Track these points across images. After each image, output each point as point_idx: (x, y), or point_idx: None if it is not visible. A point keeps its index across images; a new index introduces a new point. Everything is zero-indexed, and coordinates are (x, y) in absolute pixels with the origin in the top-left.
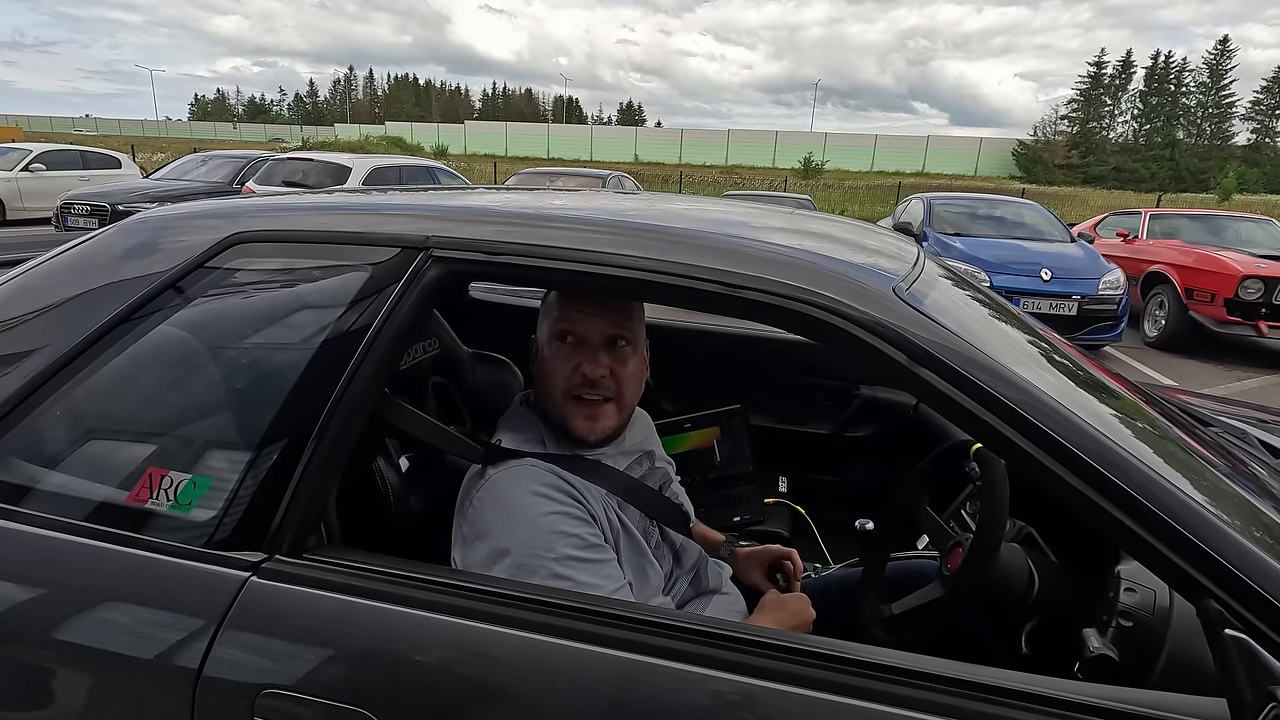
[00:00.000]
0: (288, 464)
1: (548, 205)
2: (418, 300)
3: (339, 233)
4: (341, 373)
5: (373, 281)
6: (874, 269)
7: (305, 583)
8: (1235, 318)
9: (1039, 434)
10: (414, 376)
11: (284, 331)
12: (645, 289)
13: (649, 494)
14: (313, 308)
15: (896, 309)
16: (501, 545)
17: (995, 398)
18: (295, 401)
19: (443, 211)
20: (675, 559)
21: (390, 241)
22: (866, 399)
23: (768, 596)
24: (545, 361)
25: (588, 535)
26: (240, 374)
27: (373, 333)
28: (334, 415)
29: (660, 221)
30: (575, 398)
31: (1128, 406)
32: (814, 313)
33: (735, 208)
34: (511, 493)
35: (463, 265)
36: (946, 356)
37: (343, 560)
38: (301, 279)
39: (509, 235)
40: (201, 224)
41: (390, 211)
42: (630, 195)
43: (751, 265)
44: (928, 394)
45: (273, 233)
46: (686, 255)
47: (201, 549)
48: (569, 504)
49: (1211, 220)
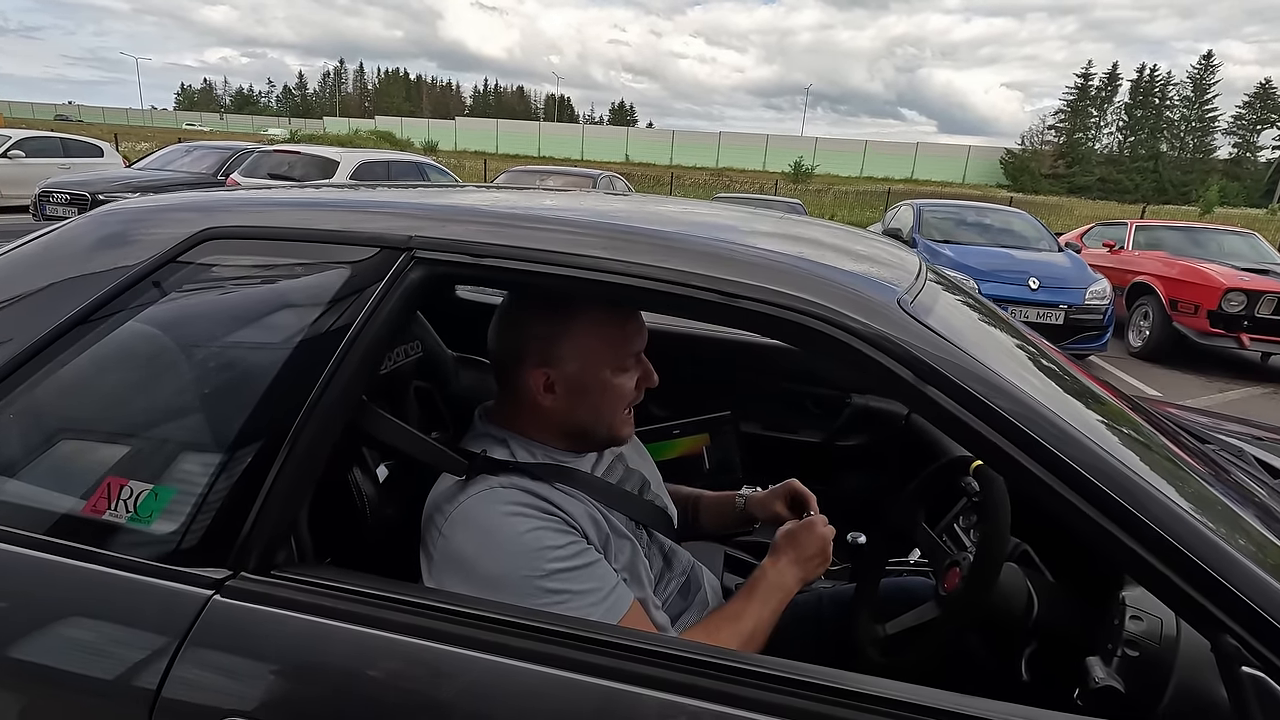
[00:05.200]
0: (257, 474)
1: (537, 206)
2: (399, 302)
3: (317, 230)
4: (317, 378)
5: (352, 282)
6: (877, 280)
7: (272, 602)
8: (1218, 329)
9: (1050, 458)
10: (395, 381)
11: (257, 333)
12: (639, 296)
13: (629, 498)
14: (288, 308)
15: (901, 322)
16: (486, 573)
17: (1004, 418)
18: (266, 407)
19: (426, 210)
20: (665, 561)
21: (371, 241)
22: (858, 408)
23: (778, 535)
24: (604, 393)
25: (571, 544)
26: (209, 377)
27: (350, 336)
28: (308, 423)
29: (654, 225)
30: (626, 412)
31: (1135, 428)
32: (815, 325)
33: (729, 212)
34: (487, 519)
35: (447, 267)
36: (954, 374)
37: (314, 578)
38: (277, 278)
39: (496, 237)
40: (174, 217)
41: (372, 209)
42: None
43: (750, 273)
44: (934, 412)
45: (248, 228)
46: (682, 262)
47: (162, 564)
48: (546, 517)
49: (1196, 233)
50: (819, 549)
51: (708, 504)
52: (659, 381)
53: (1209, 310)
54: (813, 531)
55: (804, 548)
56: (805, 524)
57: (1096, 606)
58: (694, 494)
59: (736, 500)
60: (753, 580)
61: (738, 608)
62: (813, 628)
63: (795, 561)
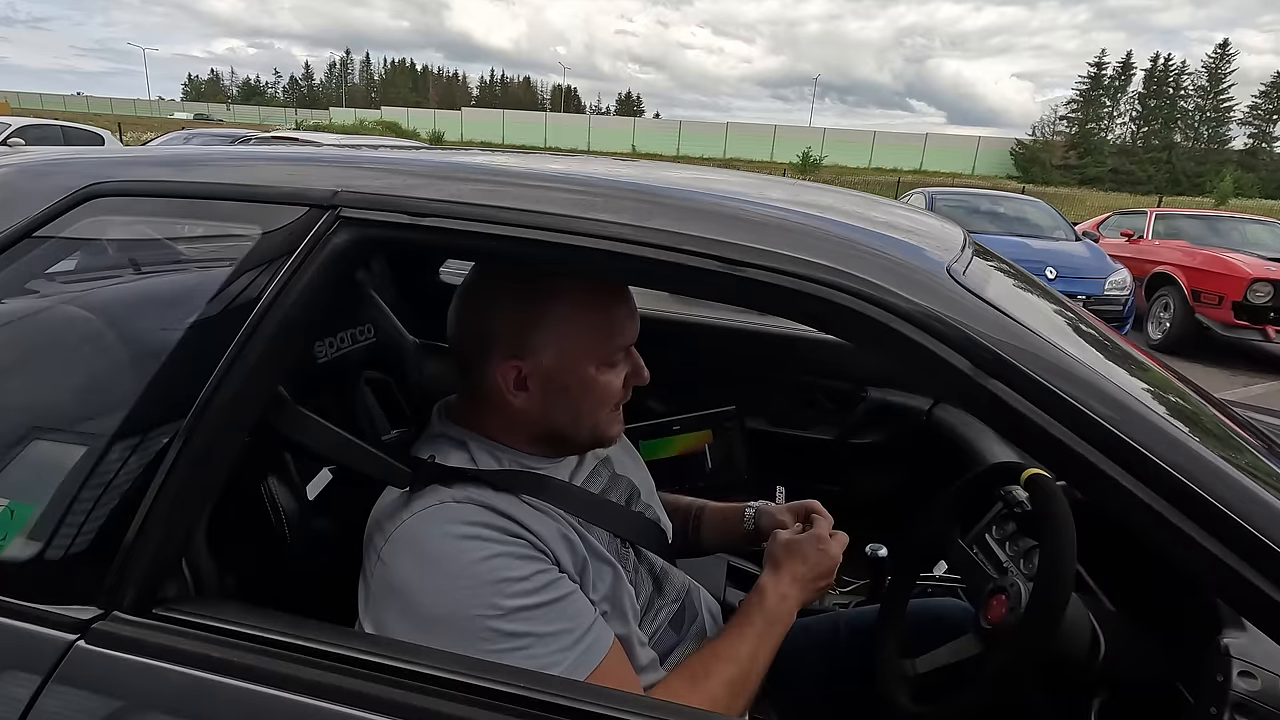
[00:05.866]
0: (137, 487)
1: (494, 162)
2: (321, 272)
3: (222, 185)
4: (214, 366)
5: (263, 248)
6: (919, 246)
7: (151, 650)
8: (1243, 321)
9: (1162, 478)
10: (341, 372)
11: (145, 313)
12: (616, 264)
13: (614, 511)
14: (185, 283)
15: (954, 297)
16: (429, 612)
17: (1096, 423)
18: (152, 402)
19: (358, 162)
20: (655, 585)
21: (287, 198)
22: (875, 402)
23: (778, 545)
24: (587, 390)
25: (537, 574)
26: (84, 365)
27: (258, 314)
28: (202, 421)
29: (641, 180)
30: (614, 410)
31: (1239, 437)
32: (843, 300)
33: (737, 175)
34: (433, 542)
35: (380, 229)
36: (1026, 363)
37: (210, 618)
38: (173, 246)
39: (439, 192)
40: (52, 171)
41: (291, 161)
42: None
43: (759, 235)
44: (996, 412)
45: (140, 184)
46: (670, 220)
47: (15, 601)
48: (508, 540)
49: (1218, 221)
50: (827, 568)
51: (711, 517)
52: (656, 373)
53: (1234, 301)
54: (820, 546)
55: (809, 564)
56: (812, 535)
57: (1171, 643)
58: (694, 505)
59: (746, 513)
60: (749, 606)
61: (730, 645)
62: (828, 657)
63: (797, 580)
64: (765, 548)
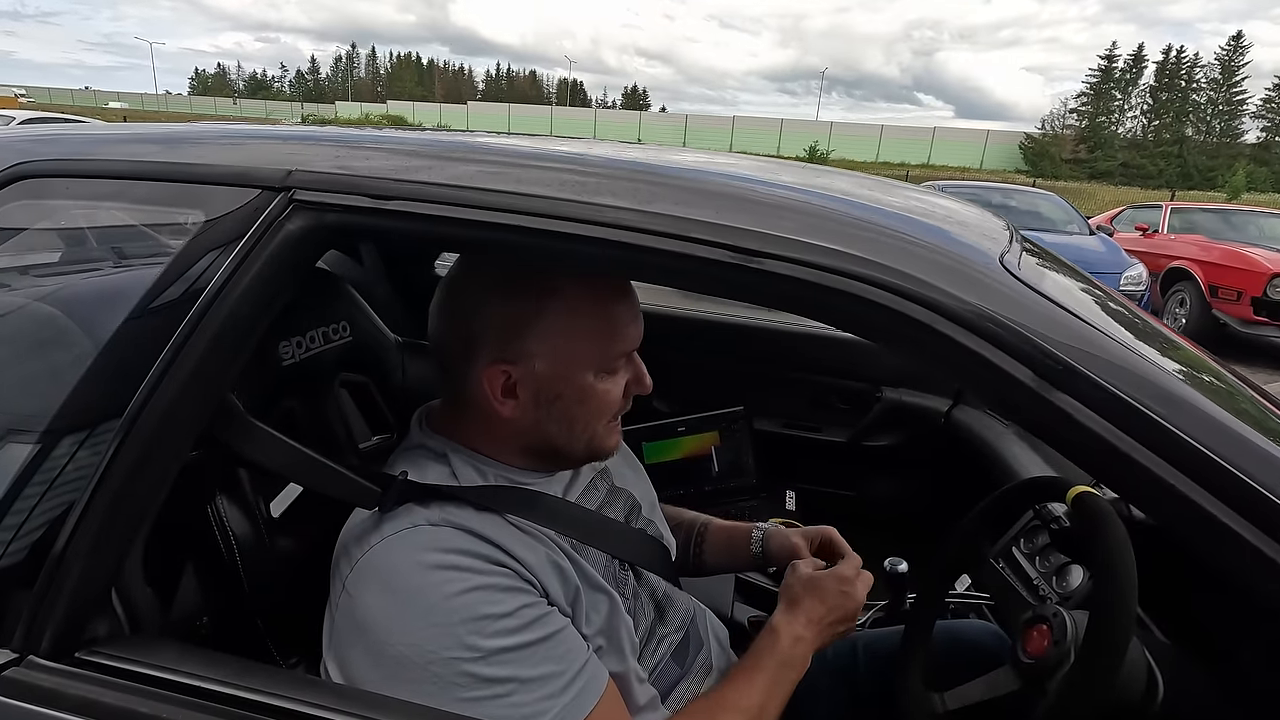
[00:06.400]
0: (59, 507)
1: (476, 139)
2: (274, 262)
3: (162, 166)
4: (148, 370)
5: (207, 237)
6: (964, 235)
7: (70, 704)
8: (1262, 317)
9: (1261, 505)
10: (313, 374)
11: (73, 308)
12: (613, 255)
13: (613, 529)
14: (119, 275)
15: (1010, 293)
16: (396, 653)
17: (1188, 445)
18: (77, 410)
19: (315, 139)
20: (658, 612)
21: (237, 179)
22: (890, 403)
23: (798, 582)
24: (584, 400)
25: (522, 609)
26: (2, 368)
27: (198, 311)
28: (133, 432)
29: (645, 160)
30: (611, 422)
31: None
32: (875, 296)
33: (749, 159)
34: (402, 573)
35: (340, 214)
36: (1106, 375)
37: (142, 664)
38: (107, 232)
39: (405, 171)
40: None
41: (241, 139)
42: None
43: (779, 223)
44: (1067, 434)
45: (72, 163)
46: (679, 204)
47: None
48: (489, 570)
49: (1235, 215)
50: (850, 612)
51: (715, 537)
52: (660, 373)
53: (1253, 297)
54: (844, 588)
55: (829, 606)
56: (835, 575)
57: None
58: (698, 522)
59: (753, 535)
60: (759, 649)
61: (737, 693)
62: (847, 682)
63: (814, 622)
64: (783, 580)
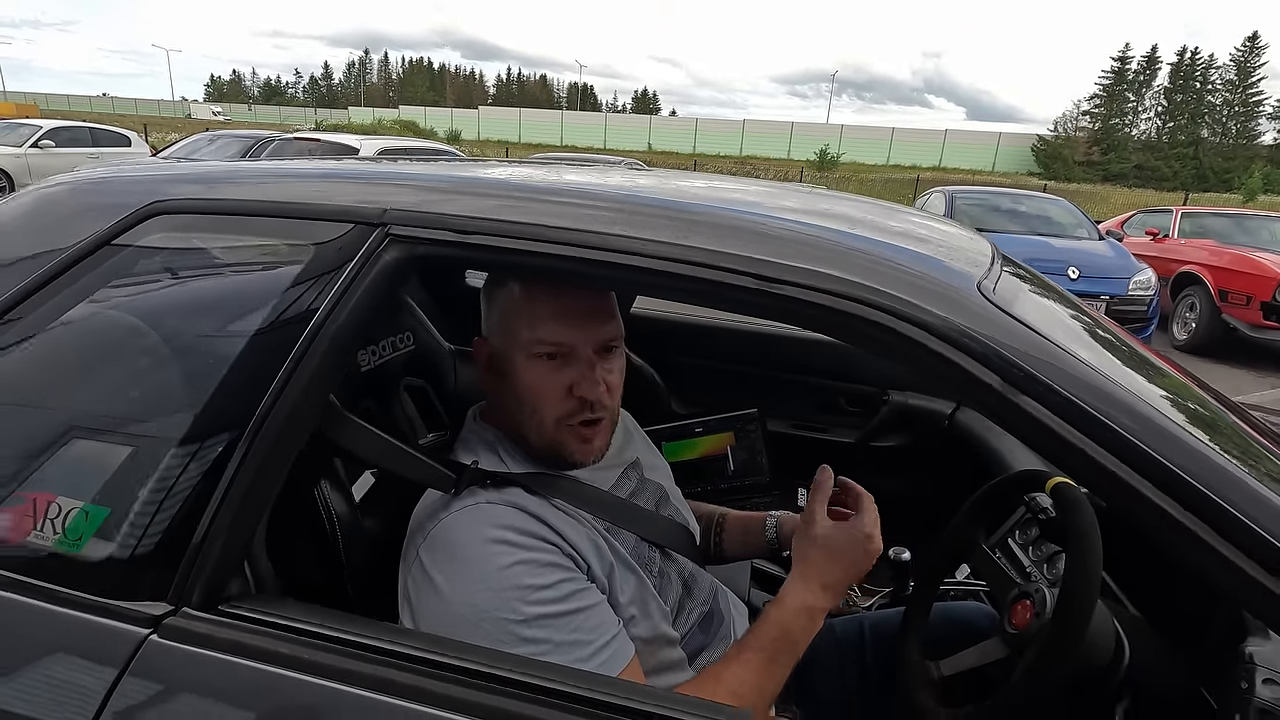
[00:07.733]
0: (203, 490)
1: (536, 178)
2: (372, 287)
3: (278, 204)
4: (274, 376)
5: (317, 264)
6: (949, 263)
7: (219, 645)
8: (1271, 322)
9: (1182, 487)
10: (383, 379)
11: (206, 324)
12: (656, 281)
13: (642, 514)
14: (244, 295)
15: (984, 314)
16: (457, 610)
17: (1122, 437)
18: (215, 411)
19: (405, 180)
20: (685, 588)
21: (340, 215)
22: (897, 405)
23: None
24: (517, 381)
25: (561, 583)
26: (152, 375)
27: (314, 327)
28: (263, 429)
29: (675, 198)
30: (569, 425)
31: (1258, 442)
32: (876, 317)
33: (751, 185)
34: (465, 544)
35: (428, 246)
36: (1055, 379)
37: (271, 615)
38: (232, 259)
39: (485, 210)
40: (118, 189)
41: (341, 179)
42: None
43: (793, 254)
44: (1026, 427)
45: (201, 202)
46: (709, 239)
47: (91, 597)
48: (536, 546)
49: (1246, 220)
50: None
51: (732, 527)
52: (678, 376)
53: (1263, 301)
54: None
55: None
56: (854, 530)
57: (1196, 650)
58: (715, 514)
59: (767, 523)
60: (768, 617)
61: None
62: (854, 659)
63: (829, 587)
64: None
